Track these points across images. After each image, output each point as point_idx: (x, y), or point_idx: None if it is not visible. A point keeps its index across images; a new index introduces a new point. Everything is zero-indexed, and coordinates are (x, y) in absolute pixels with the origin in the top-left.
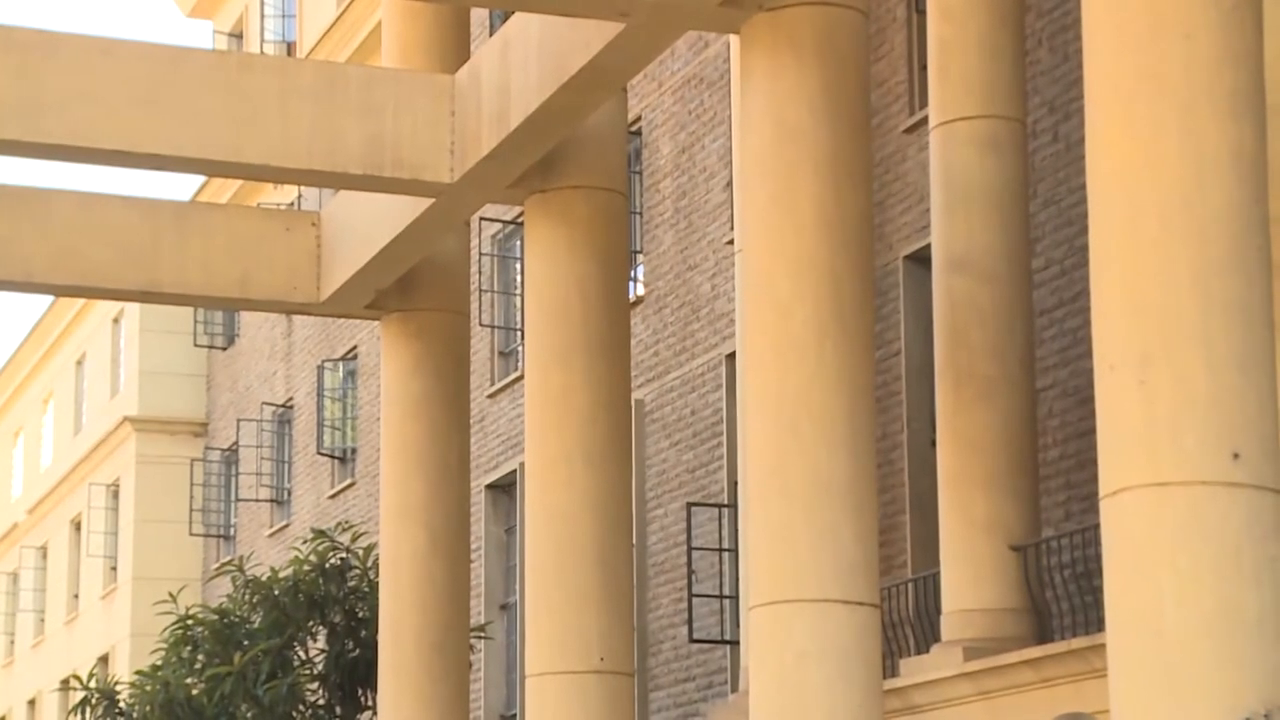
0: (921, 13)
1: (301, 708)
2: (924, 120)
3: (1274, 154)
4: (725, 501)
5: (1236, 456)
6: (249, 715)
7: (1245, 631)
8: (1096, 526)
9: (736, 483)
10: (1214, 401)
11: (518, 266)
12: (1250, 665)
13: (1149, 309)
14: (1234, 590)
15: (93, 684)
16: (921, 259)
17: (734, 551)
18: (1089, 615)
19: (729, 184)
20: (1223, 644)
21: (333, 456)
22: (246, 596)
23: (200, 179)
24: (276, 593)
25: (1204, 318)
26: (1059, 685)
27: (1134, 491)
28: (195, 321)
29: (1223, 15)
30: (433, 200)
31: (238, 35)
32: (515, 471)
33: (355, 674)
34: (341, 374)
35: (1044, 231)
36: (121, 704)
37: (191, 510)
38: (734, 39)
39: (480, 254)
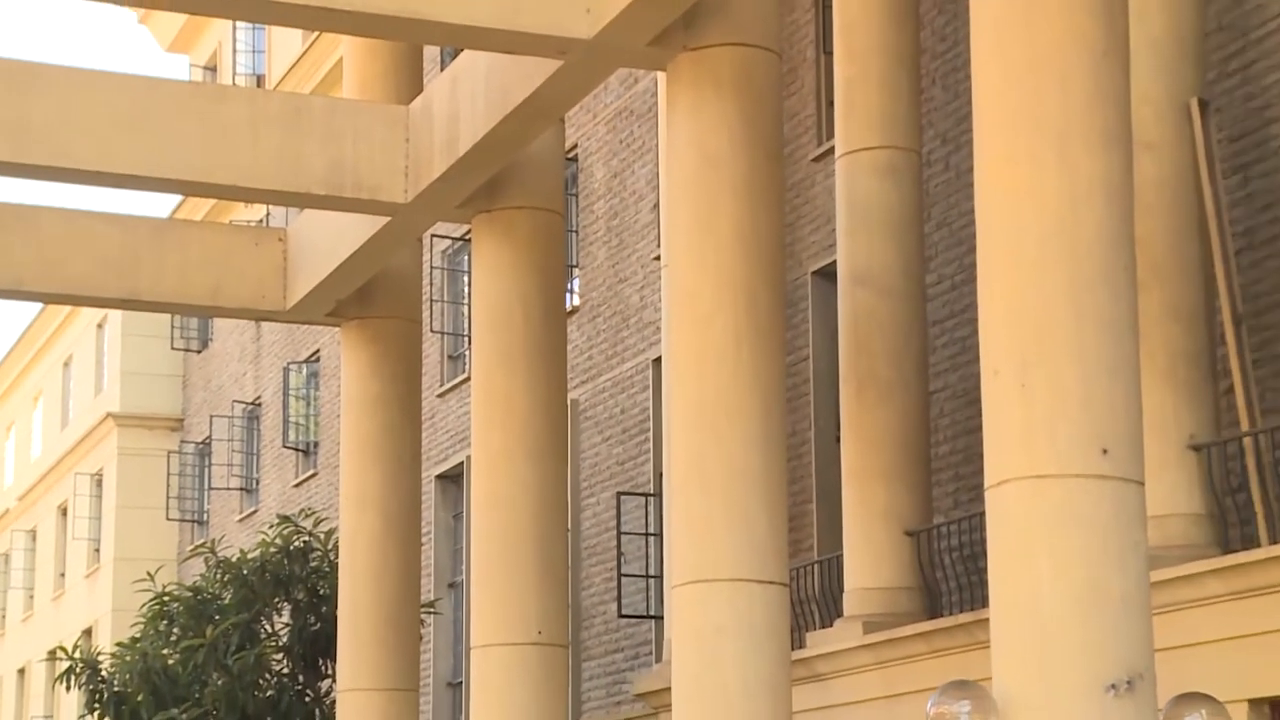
0: (829, 54)
1: (267, 676)
2: (830, 150)
3: (1139, 183)
4: (651, 491)
5: (1105, 452)
6: (219, 683)
7: (1112, 608)
8: (982, 514)
9: (661, 474)
10: (1085, 403)
11: (465, 279)
12: (1115, 638)
13: (1028, 320)
14: (1102, 571)
15: (77, 655)
16: (828, 274)
17: (659, 536)
18: (975, 593)
19: (656, 206)
20: (1091, 619)
21: (297, 449)
22: (218, 576)
23: (177, 198)
24: (245, 572)
25: (1077, 328)
26: (948, 655)
27: (1015, 483)
28: (172, 327)
29: (1095, 60)
30: (388, 219)
31: (212, 68)
32: (463, 463)
33: (317, 646)
34: (305, 375)
35: (936, 250)
36: (103, 673)
37: (168, 497)
38: (661, 75)
39: (431, 267)
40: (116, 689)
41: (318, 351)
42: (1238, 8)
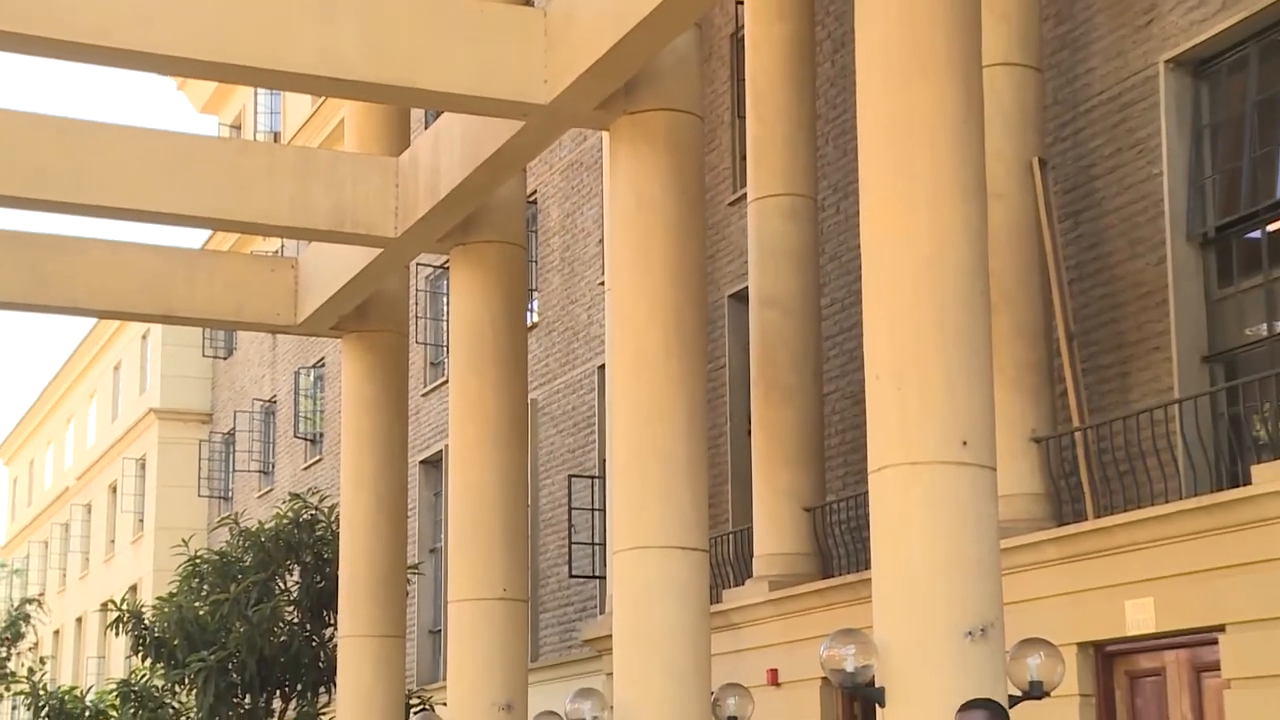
0: (741, 118)
1: (281, 624)
2: (743, 196)
3: (992, 226)
4: (596, 474)
5: (965, 444)
6: (241, 630)
7: (969, 569)
8: (865, 494)
9: (605, 461)
10: (948, 403)
11: (444, 300)
12: (972, 594)
13: (904, 336)
14: (961, 540)
15: (124, 607)
16: (741, 298)
17: (603, 511)
18: (859, 558)
19: (600, 241)
20: (953, 578)
21: (305, 439)
22: (240, 542)
23: (207, 233)
24: (263, 540)
25: (942, 343)
26: (837, 609)
27: (892, 469)
28: (203, 338)
29: (957, 126)
30: (381, 250)
31: (237, 126)
32: (442, 451)
33: (321, 600)
34: (312, 378)
35: (829, 278)
36: (146, 621)
37: (199, 478)
38: (605, 134)
39: (417, 290)
40: (156, 635)
41: (323, 358)
42: (1069, 86)
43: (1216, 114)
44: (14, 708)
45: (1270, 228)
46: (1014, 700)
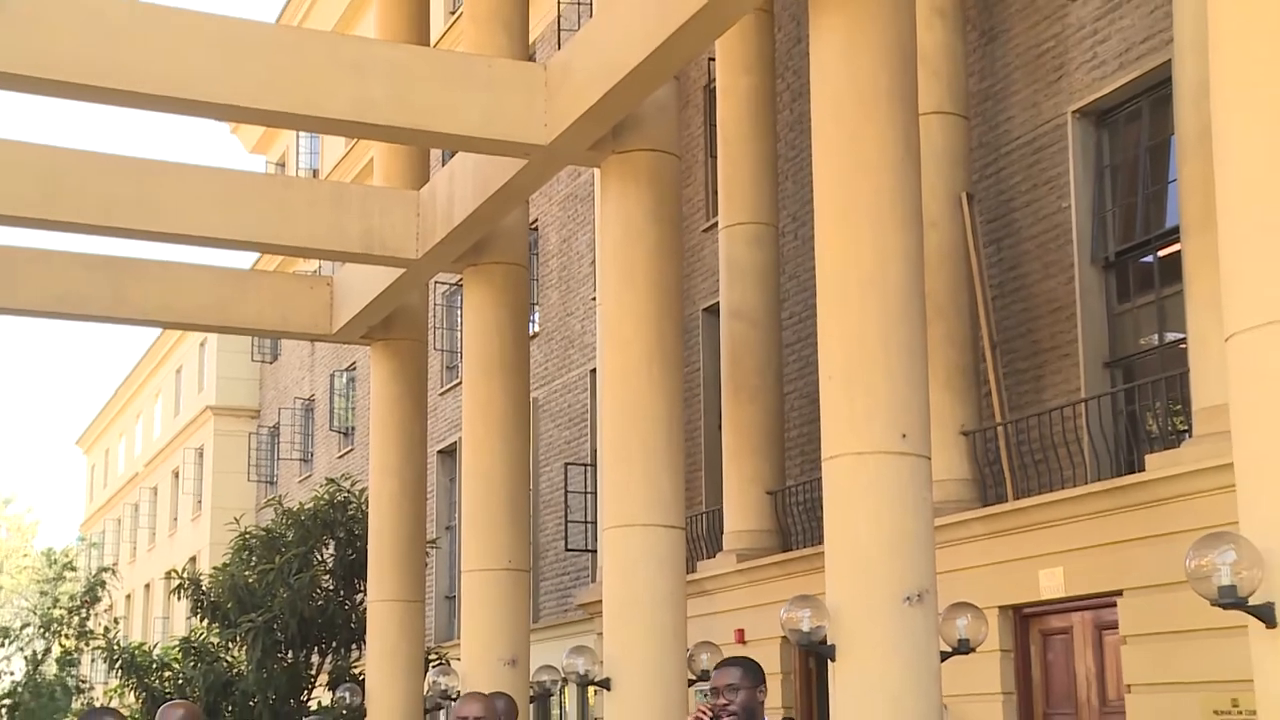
0: (713, 158)
1: (318, 591)
2: (715, 224)
3: (927, 250)
4: (589, 462)
5: (904, 436)
6: (284, 596)
7: (908, 543)
8: (819, 479)
9: (596, 451)
10: (890, 402)
11: (458, 312)
12: (910, 565)
13: (851, 345)
14: (901, 518)
15: (185, 575)
16: (713, 311)
17: (594, 494)
18: (814, 534)
19: (592, 262)
20: (894, 551)
21: (340, 432)
22: (283, 520)
23: (255, 255)
24: (303, 518)
25: (885, 350)
26: (795, 577)
27: (843, 458)
28: (252, 345)
29: (897, 164)
30: (404, 270)
31: (281, 164)
32: (456, 443)
33: (353, 569)
34: (345, 380)
35: (788, 295)
36: (203, 587)
37: (248, 465)
38: (597, 171)
39: (434, 304)
40: (212, 599)
41: (354, 363)
42: (991, 132)
43: (1115, 156)
44: (93, 660)
45: (1161, 253)
46: (945, 655)
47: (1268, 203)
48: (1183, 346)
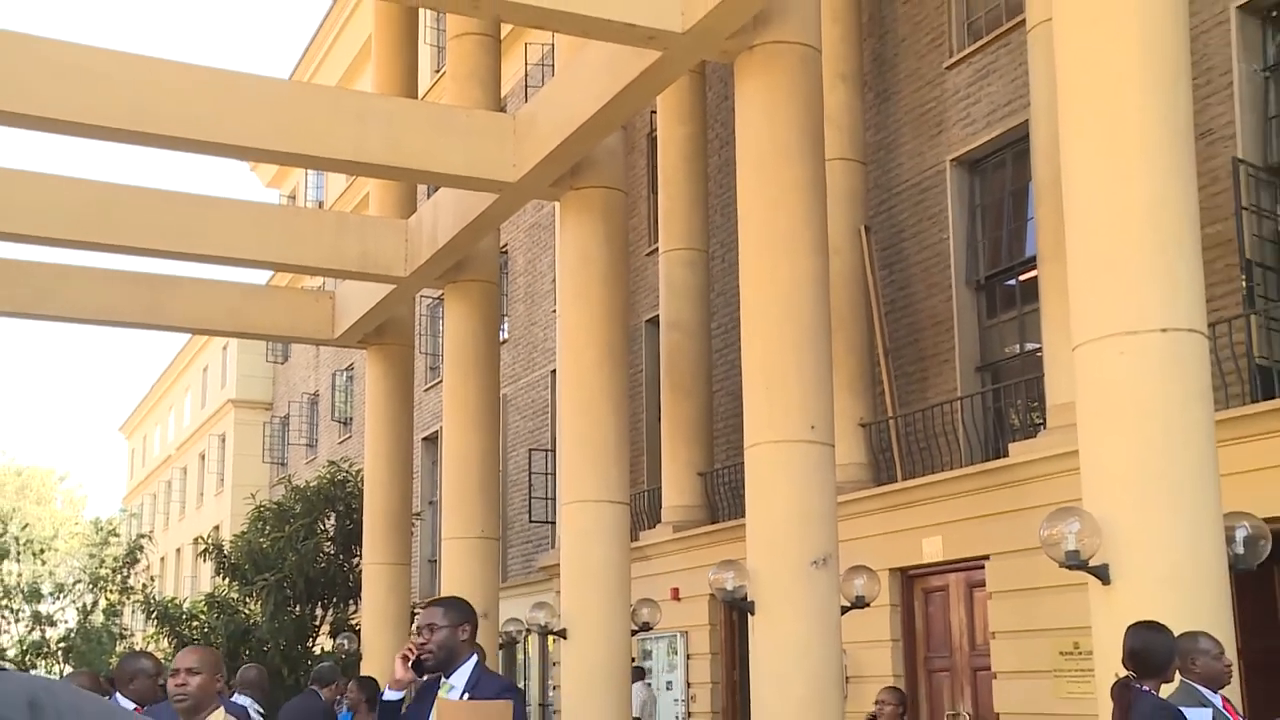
0: (654, 194)
1: (321, 555)
2: (656, 249)
3: (833, 273)
4: (549, 448)
5: (813, 428)
6: (293, 559)
7: (814, 516)
8: (742, 463)
9: (555, 438)
10: (801, 399)
11: (440, 322)
12: (816, 533)
13: (771, 351)
14: (809, 496)
15: (209, 541)
16: (654, 323)
17: (553, 475)
18: (738, 508)
19: (553, 280)
20: (803, 522)
21: (340, 422)
22: (292, 496)
23: (269, 273)
24: (308, 494)
25: (797, 356)
26: (722, 545)
27: (761, 445)
28: (267, 348)
29: (807, 201)
30: (394, 286)
31: (292, 196)
32: (438, 431)
33: (351, 537)
34: (345, 378)
35: (717, 309)
36: (225, 551)
37: (263, 449)
38: (557, 204)
39: (420, 314)
40: (232, 562)
41: (352, 364)
42: (885, 175)
43: (985, 198)
44: (133, 611)
45: (1021, 277)
46: (845, 609)
47: (1107, 238)
48: (1039, 354)
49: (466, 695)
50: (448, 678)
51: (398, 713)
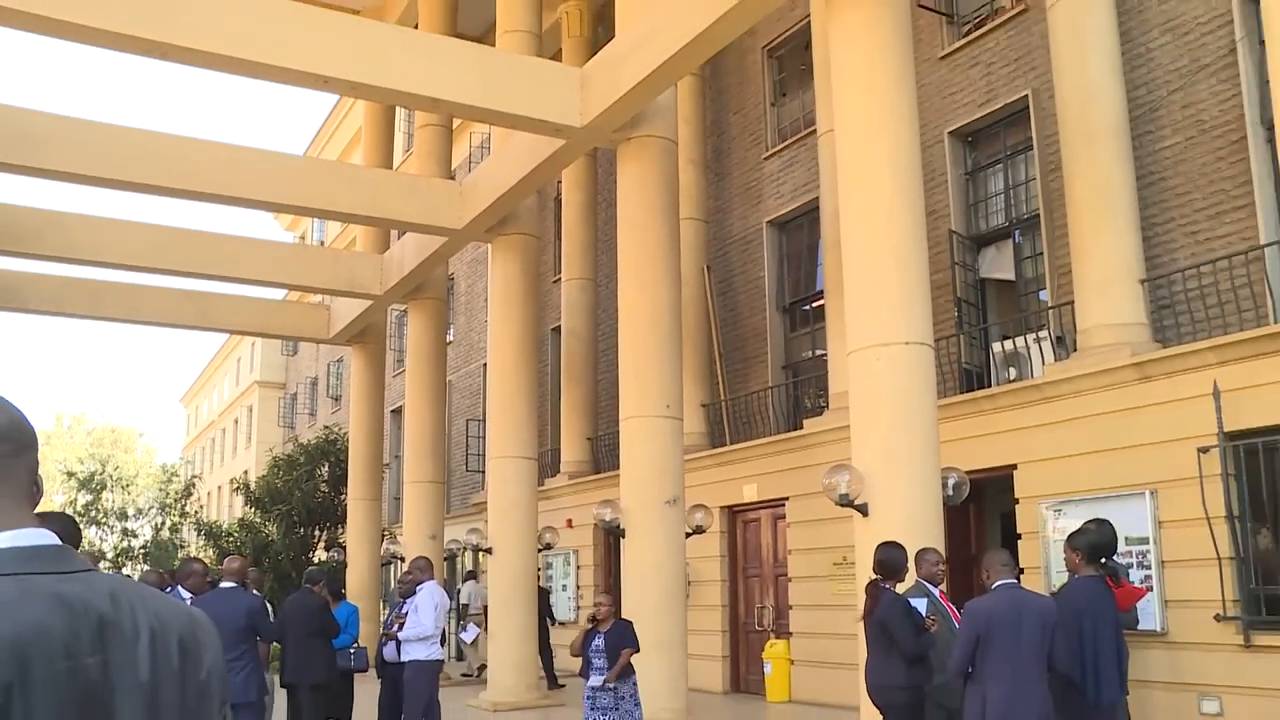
0: (559, 238)
1: (319, 492)
2: (559, 278)
3: (685, 300)
4: (481, 419)
5: (668, 406)
6: (298, 495)
7: (668, 469)
8: (618, 431)
9: (486, 412)
10: (660, 386)
11: (405, 328)
12: (669, 482)
13: (637, 353)
14: (664, 456)
15: (241, 481)
16: (558, 330)
17: (484, 438)
18: (615, 462)
19: (486, 300)
20: (660, 474)
21: (333, 398)
22: (299, 451)
23: (283, 291)
24: (310, 449)
25: (659, 359)
26: (604, 488)
27: (632, 419)
28: (282, 343)
29: (666, 248)
30: (372, 301)
31: (302, 236)
32: (402, 406)
33: (339, 481)
34: (337, 367)
35: (602, 321)
36: (251, 489)
37: (279, 417)
38: (490, 245)
39: (391, 322)
40: (256, 496)
41: (342, 357)
42: (721, 230)
43: (790, 249)
44: (189, 530)
45: (814, 304)
46: (689, 534)
47: (869, 280)
48: (825, 358)
49: None
50: None
51: None
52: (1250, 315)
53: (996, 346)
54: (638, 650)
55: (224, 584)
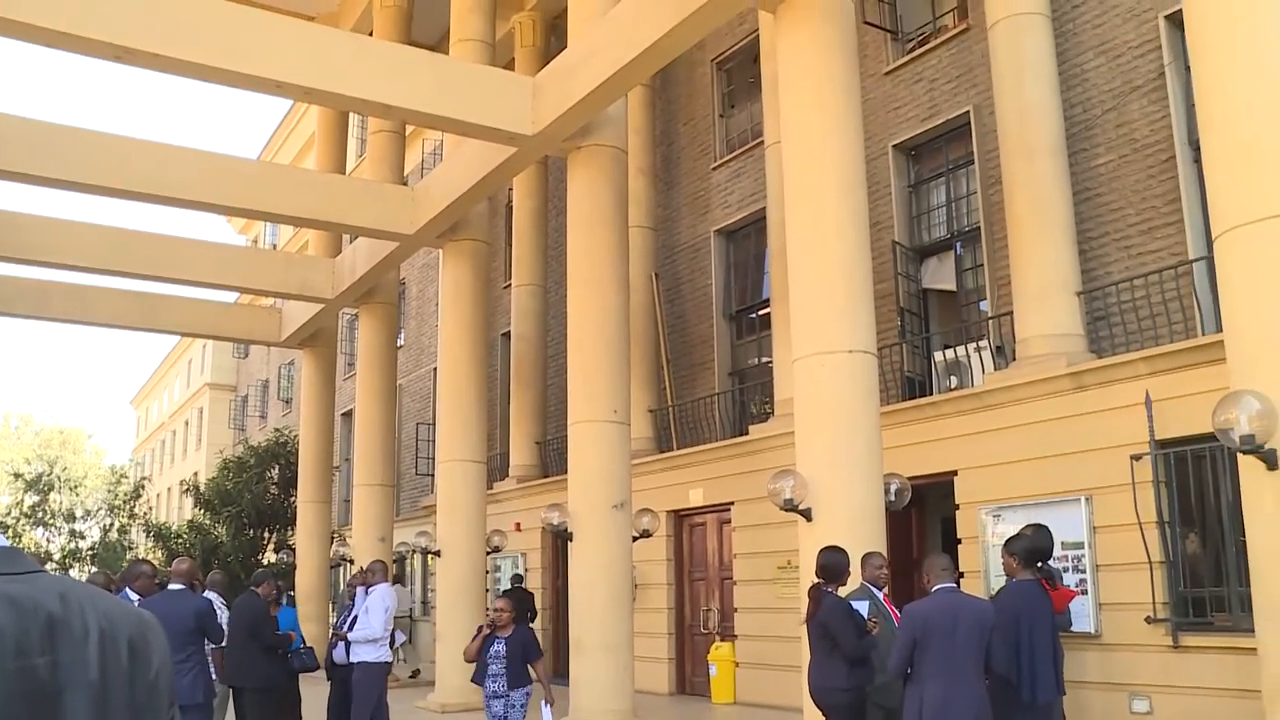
0: (509, 245)
1: (268, 494)
2: (510, 284)
3: (633, 307)
4: (431, 422)
5: (615, 411)
6: (248, 497)
7: (615, 474)
8: (566, 435)
9: (436, 415)
10: (608, 391)
11: (356, 331)
12: (616, 486)
13: (587, 358)
14: (610, 459)
15: (190, 483)
16: (508, 335)
17: (433, 441)
18: (563, 466)
19: (437, 304)
20: (608, 476)
21: (283, 401)
22: (249, 453)
23: (235, 294)
24: (260, 452)
25: (608, 364)
26: (552, 492)
27: (580, 423)
28: (234, 347)
29: (615, 255)
30: (324, 305)
31: (255, 239)
32: (352, 409)
33: (289, 483)
34: (288, 370)
35: (551, 326)
36: (201, 490)
37: (229, 418)
38: (441, 251)
39: (342, 325)
40: (206, 498)
41: (293, 360)
42: (670, 239)
43: (737, 257)
44: (136, 531)
45: (760, 313)
46: (636, 538)
47: (814, 290)
48: (770, 365)
49: None
50: None
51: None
52: (1180, 327)
53: (938, 355)
54: (543, 657)
55: (172, 585)
